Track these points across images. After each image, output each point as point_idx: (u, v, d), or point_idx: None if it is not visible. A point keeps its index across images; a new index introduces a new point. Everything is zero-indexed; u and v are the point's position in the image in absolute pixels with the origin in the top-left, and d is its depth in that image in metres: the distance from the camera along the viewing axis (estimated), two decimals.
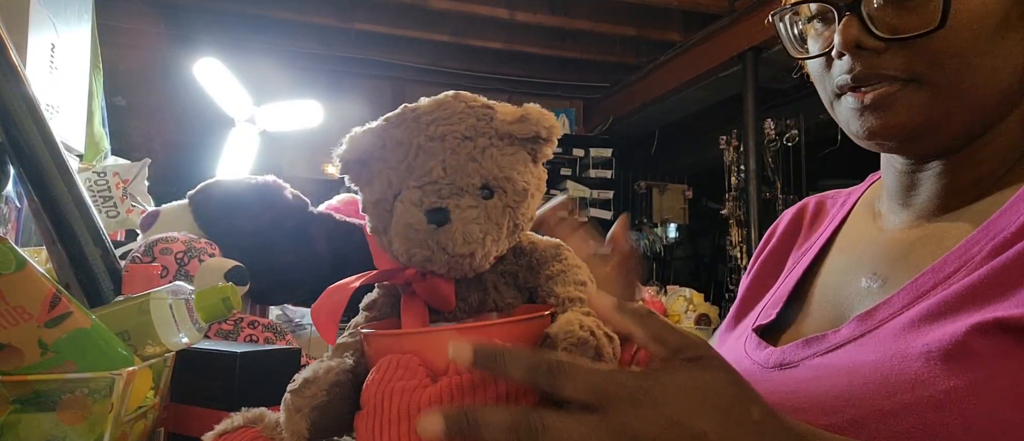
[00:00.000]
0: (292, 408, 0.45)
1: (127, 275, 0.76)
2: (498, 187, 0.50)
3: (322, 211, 1.32)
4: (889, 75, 0.56)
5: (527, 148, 0.52)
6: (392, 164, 0.50)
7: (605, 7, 4.50)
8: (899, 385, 0.49)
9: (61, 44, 1.62)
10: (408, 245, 0.49)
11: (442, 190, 0.49)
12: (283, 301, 1.39)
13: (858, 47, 0.56)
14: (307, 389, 0.45)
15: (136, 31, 4.35)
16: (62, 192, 0.72)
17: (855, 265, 0.66)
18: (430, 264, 0.50)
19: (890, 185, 0.67)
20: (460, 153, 0.49)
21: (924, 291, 0.55)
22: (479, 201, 0.49)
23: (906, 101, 0.56)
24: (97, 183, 1.67)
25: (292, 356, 0.82)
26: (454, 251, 0.48)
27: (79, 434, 0.51)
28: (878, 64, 0.56)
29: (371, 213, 0.53)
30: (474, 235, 0.48)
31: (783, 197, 4.13)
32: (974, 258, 0.54)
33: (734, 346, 0.71)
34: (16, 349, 0.51)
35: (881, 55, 0.56)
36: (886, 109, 0.57)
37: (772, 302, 0.72)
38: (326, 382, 0.46)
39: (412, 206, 0.49)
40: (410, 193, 0.49)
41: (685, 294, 2.86)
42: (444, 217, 0.48)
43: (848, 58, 0.57)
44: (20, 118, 0.70)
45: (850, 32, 0.56)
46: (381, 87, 5.26)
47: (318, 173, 4.83)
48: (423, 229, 0.48)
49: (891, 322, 0.55)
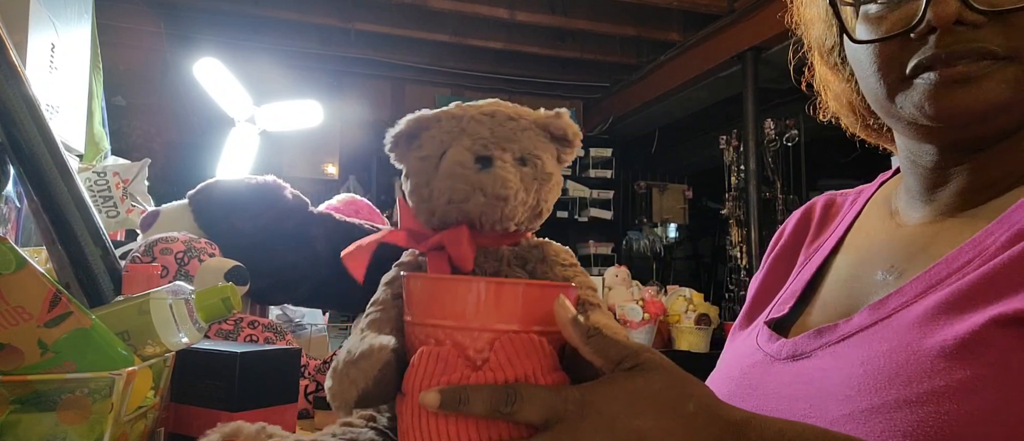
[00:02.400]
0: (347, 378, 0.48)
1: (127, 275, 0.76)
2: (531, 161, 0.57)
3: (322, 211, 1.32)
4: (990, 50, 0.53)
5: (555, 144, 0.59)
6: (446, 128, 0.57)
7: (605, 7, 4.50)
8: (915, 375, 0.49)
9: (61, 44, 1.62)
10: (452, 181, 0.55)
11: (488, 144, 0.56)
12: (283, 301, 1.38)
13: (958, 22, 0.53)
14: (363, 362, 0.47)
15: (136, 31, 4.35)
16: (62, 192, 0.72)
17: (871, 259, 0.65)
18: (466, 203, 0.55)
19: (913, 182, 0.66)
20: (506, 126, 0.57)
21: (937, 280, 0.54)
22: (516, 164, 0.56)
23: (1000, 77, 0.54)
24: (97, 183, 1.67)
25: (292, 356, 0.82)
26: (492, 192, 0.54)
27: (79, 434, 0.51)
28: (976, 38, 0.53)
29: (416, 169, 0.58)
30: (511, 182, 0.54)
31: (783, 197, 4.13)
32: (989, 248, 0.53)
33: (746, 341, 0.71)
34: (16, 349, 0.51)
35: (979, 29, 0.53)
36: (977, 84, 0.54)
37: (785, 298, 0.72)
38: (380, 360, 0.48)
39: (463, 150, 0.55)
40: (461, 142, 0.56)
41: (685, 294, 2.86)
42: (489, 163, 0.55)
43: (936, 35, 0.54)
44: (20, 118, 0.70)
45: (950, 5, 0.53)
46: (381, 87, 5.27)
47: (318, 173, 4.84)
48: (470, 167, 0.55)
49: (904, 311, 0.55)
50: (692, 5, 4.26)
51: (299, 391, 1.01)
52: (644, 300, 2.75)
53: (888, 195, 0.72)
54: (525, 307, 0.47)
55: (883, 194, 0.73)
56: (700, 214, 6.12)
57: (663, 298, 2.86)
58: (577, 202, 5.54)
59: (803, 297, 0.70)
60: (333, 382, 0.49)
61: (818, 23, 0.70)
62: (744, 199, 4.16)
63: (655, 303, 2.75)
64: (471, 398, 0.44)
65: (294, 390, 0.81)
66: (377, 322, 0.55)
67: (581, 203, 5.56)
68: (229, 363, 0.73)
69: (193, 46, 4.04)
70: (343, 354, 0.49)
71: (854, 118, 0.73)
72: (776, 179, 4.15)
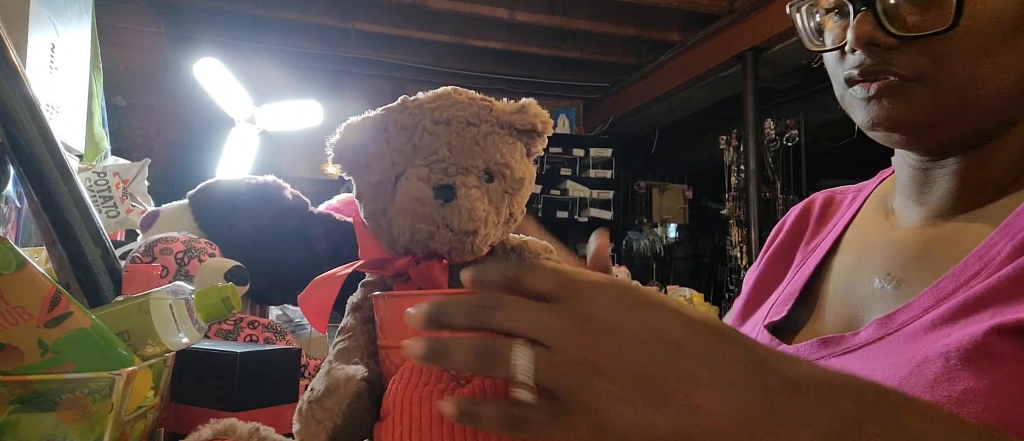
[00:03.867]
0: (313, 420, 0.44)
1: (127, 275, 0.76)
2: (498, 173, 0.51)
3: (322, 211, 1.32)
4: (897, 72, 0.56)
5: (523, 140, 0.54)
6: (396, 146, 0.51)
7: (605, 7, 4.50)
8: (919, 385, 0.49)
9: (61, 44, 1.62)
10: (413, 220, 0.49)
11: (448, 168, 0.49)
12: (283, 301, 1.38)
13: (870, 43, 0.56)
14: (328, 399, 0.44)
15: (136, 31, 4.35)
16: (62, 192, 0.72)
17: (867, 264, 0.66)
18: (432, 242, 0.50)
19: (904, 182, 0.66)
20: (465, 136, 0.50)
21: (945, 295, 0.54)
22: (482, 183, 0.50)
23: (909, 96, 0.56)
24: (97, 183, 1.67)
25: (292, 356, 0.82)
26: (459, 227, 0.49)
27: (79, 434, 0.51)
28: (887, 60, 0.56)
29: (368, 197, 0.52)
30: (478, 213, 0.49)
31: (783, 197, 4.13)
32: (994, 260, 0.53)
33: None
34: (16, 349, 0.51)
35: (891, 51, 0.56)
36: (890, 101, 0.57)
37: (782, 299, 0.72)
38: (348, 393, 0.44)
39: (420, 182, 0.49)
40: (417, 170, 0.49)
41: (685, 294, 2.86)
42: (451, 193, 0.49)
43: (860, 52, 0.57)
44: (20, 118, 0.70)
45: (863, 28, 0.56)
46: (381, 87, 5.26)
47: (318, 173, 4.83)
48: (430, 204, 0.49)
49: (911, 325, 0.55)
50: (692, 5, 4.26)
51: (299, 391, 1.01)
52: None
53: (885, 194, 0.72)
54: None
55: (881, 192, 0.73)
56: (700, 214, 6.12)
57: None
58: (577, 202, 5.54)
59: (801, 299, 0.70)
60: (301, 426, 0.45)
61: None
62: (744, 199, 4.16)
63: None
64: (450, 309, 0.39)
65: (294, 390, 0.81)
66: (346, 351, 0.51)
67: (581, 203, 5.55)
68: (229, 363, 0.73)
69: (193, 46, 4.04)
70: (306, 393, 0.46)
71: None
72: (776, 179, 4.16)
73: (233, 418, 0.53)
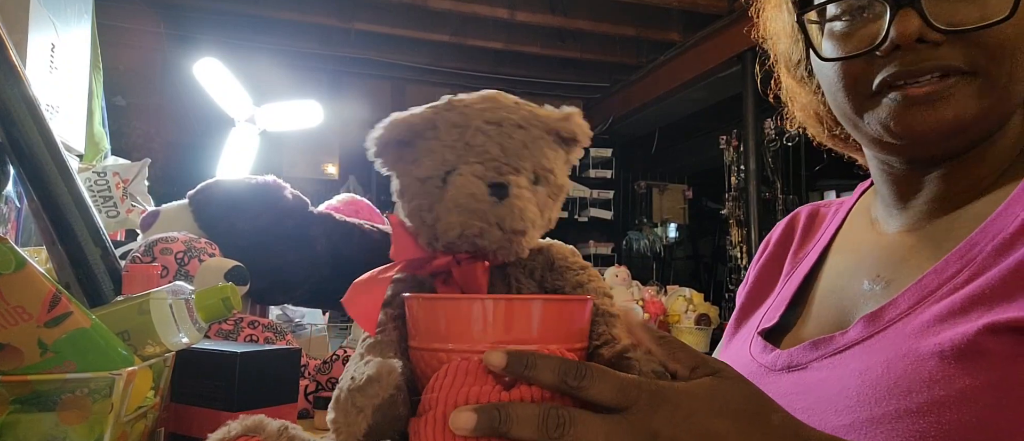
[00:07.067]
0: (354, 407, 0.43)
1: (127, 275, 0.75)
2: (544, 177, 0.52)
3: (322, 211, 1.32)
4: (953, 67, 0.54)
5: (564, 148, 0.54)
6: (447, 142, 0.50)
7: (605, 7, 4.50)
8: (914, 385, 0.50)
9: (61, 44, 1.62)
10: (465, 216, 0.49)
11: (501, 168, 0.49)
12: (283, 301, 1.38)
13: (918, 41, 0.54)
14: (371, 388, 0.43)
15: (136, 31, 4.35)
16: (62, 192, 0.72)
17: (856, 268, 0.66)
18: (481, 239, 0.49)
19: (885, 191, 0.67)
20: (515, 139, 0.50)
21: (929, 291, 0.55)
22: (531, 186, 0.51)
23: (961, 94, 0.55)
24: (97, 183, 1.67)
25: (292, 356, 0.82)
26: (509, 227, 0.49)
27: (79, 434, 0.51)
28: (936, 56, 0.54)
29: (415, 192, 0.52)
30: (529, 213, 0.49)
31: (783, 197, 4.13)
32: (976, 258, 0.54)
33: (739, 350, 0.72)
34: (16, 349, 0.51)
35: (939, 47, 0.54)
36: (940, 102, 0.55)
37: (774, 307, 0.72)
38: (391, 384, 0.44)
39: (475, 178, 0.49)
40: (471, 167, 0.49)
41: (685, 294, 2.86)
42: (504, 192, 0.49)
43: (900, 53, 0.55)
44: (20, 118, 0.70)
45: (911, 24, 0.54)
46: (381, 87, 5.26)
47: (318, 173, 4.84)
48: (485, 201, 0.48)
49: (899, 323, 0.55)
50: (692, 5, 4.26)
51: (299, 391, 1.01)
52: (644, 300, 2.75)
53: (868, 204, 0.72)
54: (543, 324, 0.45)
55: (864, 203, 0.74)
56: (700, 214, 6.12)
57: (663, 298, 2.86)
58: (577, 202, 5.54)
59: (792, 305, 0.70)
60: (337, 414, 0.44)
61: (784, 37, 0.71)
62: (744, 199, 4.16)
63: (655, 303, 2.74)
64: (539, 365, 0.41)
65: (294, 390, 0.81)
66: (378, 345, 0.50)
67: (581, 203, 5.56)
68: (229, 363, 0.73)
69: (193, 46, 4.04)
70: (345, 381, 0.45)
71: (821, 128, 0.74)
72: (776, 179, 4.16)
73: (262, 415, 0.51)
